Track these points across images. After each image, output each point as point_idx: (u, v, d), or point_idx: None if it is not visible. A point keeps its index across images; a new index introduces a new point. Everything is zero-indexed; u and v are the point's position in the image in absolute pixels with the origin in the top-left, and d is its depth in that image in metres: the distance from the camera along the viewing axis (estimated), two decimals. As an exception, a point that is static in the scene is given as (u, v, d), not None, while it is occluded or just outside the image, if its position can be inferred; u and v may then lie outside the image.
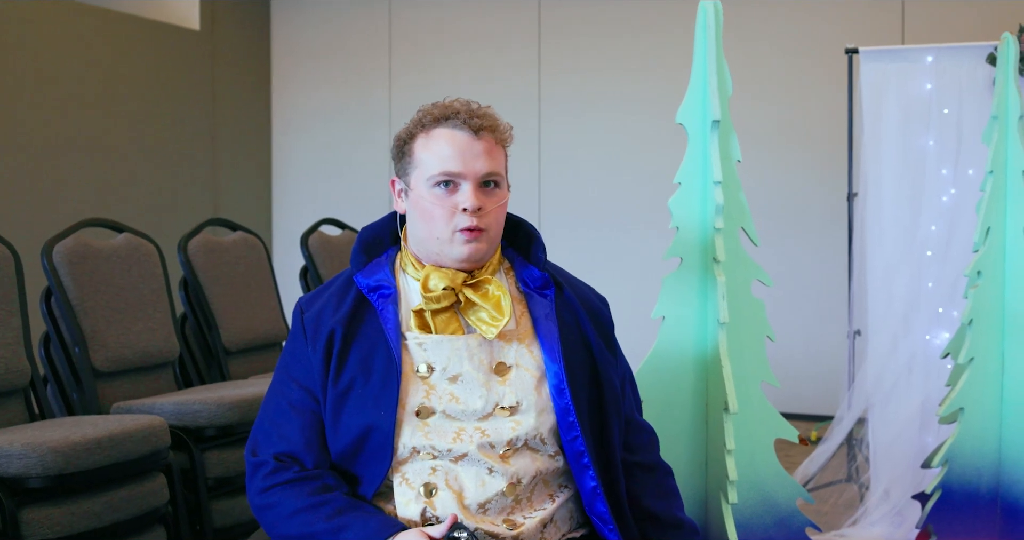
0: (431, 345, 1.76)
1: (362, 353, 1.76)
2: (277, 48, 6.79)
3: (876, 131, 4.09)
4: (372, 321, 1.78)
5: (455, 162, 1.76)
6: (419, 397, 1.74)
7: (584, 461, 1.77)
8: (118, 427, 2.43)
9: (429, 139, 1.79)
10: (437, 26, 6.48)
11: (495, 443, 1.73)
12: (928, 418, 4.04)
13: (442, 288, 1.76)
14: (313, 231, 4.00)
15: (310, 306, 1.84)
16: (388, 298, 1.79)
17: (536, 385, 1.77)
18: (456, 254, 1.77)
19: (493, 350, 1.78)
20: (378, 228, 1.89)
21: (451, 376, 1.75)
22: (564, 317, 1.83)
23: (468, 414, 1.74)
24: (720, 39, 2.72)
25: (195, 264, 3.34)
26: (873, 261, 4.10)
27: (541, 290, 1.85)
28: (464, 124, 1.77)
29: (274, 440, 1.77)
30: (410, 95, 6.47)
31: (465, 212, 1.75)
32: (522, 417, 1.75)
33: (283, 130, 6.79)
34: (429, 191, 1.77)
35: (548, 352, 1.78)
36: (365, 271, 1.83)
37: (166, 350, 3.06)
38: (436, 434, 1.72)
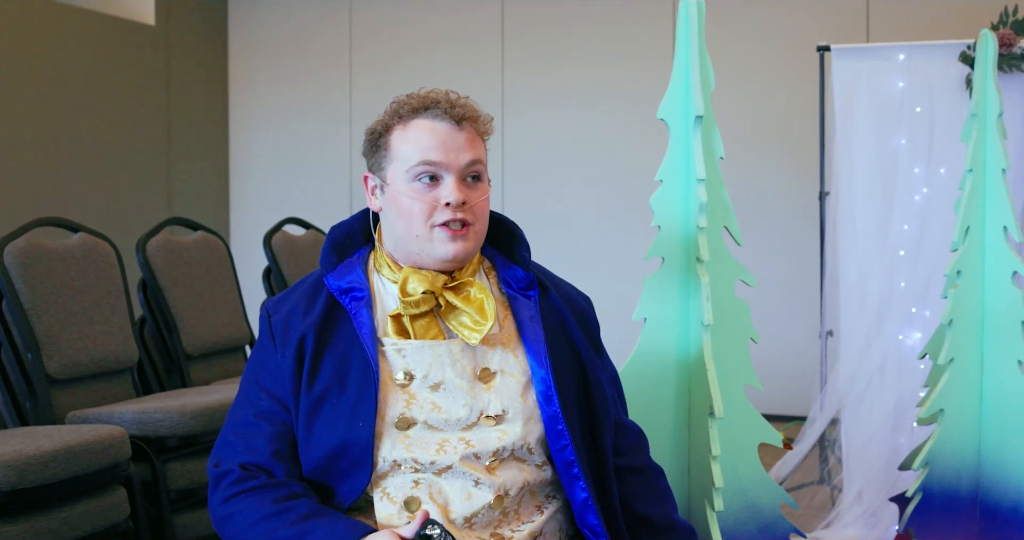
0: (411, 351, 1.65)
1: (336, 360, 1.65)
2: (234, 44, 6.64)
3: (848, 129, 4.05)
4: (345, 326, 1.67)
5: (436, 152, 1.66)
6: (399, 407, 1.63)
7: (574, 471, 1.67)
8: (75, 438, 2.29)
9: (407, 130, 1.68)
10: (399, 23, 6.36)
11: (480, 454, 1.63)
12: (901, 419, 4.01)
13: (421, 292, 1.66)
14: (276, 231, 3.87)
15: (277, 310, 1.72)
16: (361, 301, 1.68)
17: (522, 392, 1.67)
18: (439, 253, 1.66)
19: (476, 356, 1.68)
20: (349, 226, 1.78)
21: (433, 384, 1.65)
22: (549, 320, 1.74)
23: (451, 424, 1.64)
24: (703, 34, 2.65)
25: (154, 265, 3.20)
26: (845, 260, 4.06)
27: (525, 291, 1.75)
28: (445, 114, 1.67)
29: (239, 451, 1.66)
30: (371, 93, 6.36)
31: (448, 207, 1.64)
32: (508, 426, 1.65)
33: (241, 128, 6.64)
34: (408, 185, 1.67)
35: (534, 357, 1.69)
36: (336, 272, 1.72)
37: (124, 355, 2.92)
38: (418, 446, 1.62)
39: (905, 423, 4.01)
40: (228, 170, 6.61)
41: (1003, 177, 3.10)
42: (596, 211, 6.04)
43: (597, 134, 6.04)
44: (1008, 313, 3.04)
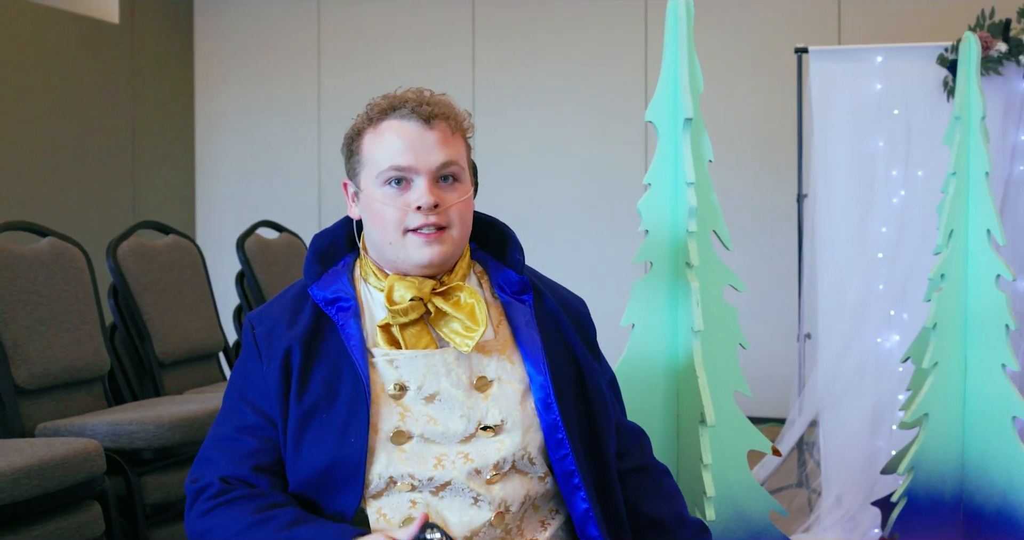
0: (403, 362, 1.59)
1: (325, 374, 1.58)
2: (200, 44, 6.51)
3: (826, 132, 4.04)
4: (333, 338, 1.60)
5: (405, 155, 1.58)
6: (393, 420, 1.56)
7: (575, 481, 1.61)
8: (47, 453, 2.19)
9: (377, 133, 1.61)
10: (368, 23, 6.28)
11: (481, 468, 1.56)
12: (879, 422, 4.00)
13: (409, 299, 1.59)
14: (250, 234, 3.78)
15: (260, 322, 1.65)
16: (348, 311, 1.62)
17: (521, 400, 1.61)
18: (415, 258, 1.59)
19: (472, 364, 1.61)
20: (332, 234, 1.71)
21: (428, 395, 1.58)
22: (545, 324, 1.67)
23: (449, 436, 1.57)
24: (691, 35, 2.61)
25: (125, 270, 3.10)
26: (823, 263, 4.05)
27: (519, 295, 1.68)
28: (413, 113, 1.60)
29: (220, 465, 1.58)
30: (340, 94, 6.27)
31: (419, 210, 1.57)
32: (507, 436, 1.58)
33: (207, 129, 6.52)
34: (379, 190, 1.60)
35: (532, 363, 1.62)
36: (321, 282, 1.66)
37: (96, 364, 2.82)
38: (415, 461, 1.55)
39: (883, 426, 4.00)
40: (194, 172, 6.49)
41: (986, 180, 3.09)
42: (568, 212, 6.00)
43: (569, 134, 6.00)
44: (992, 317, 3.03)
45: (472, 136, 1.70)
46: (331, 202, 6.24)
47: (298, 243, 4.03)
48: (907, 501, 3.12)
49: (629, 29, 5.90)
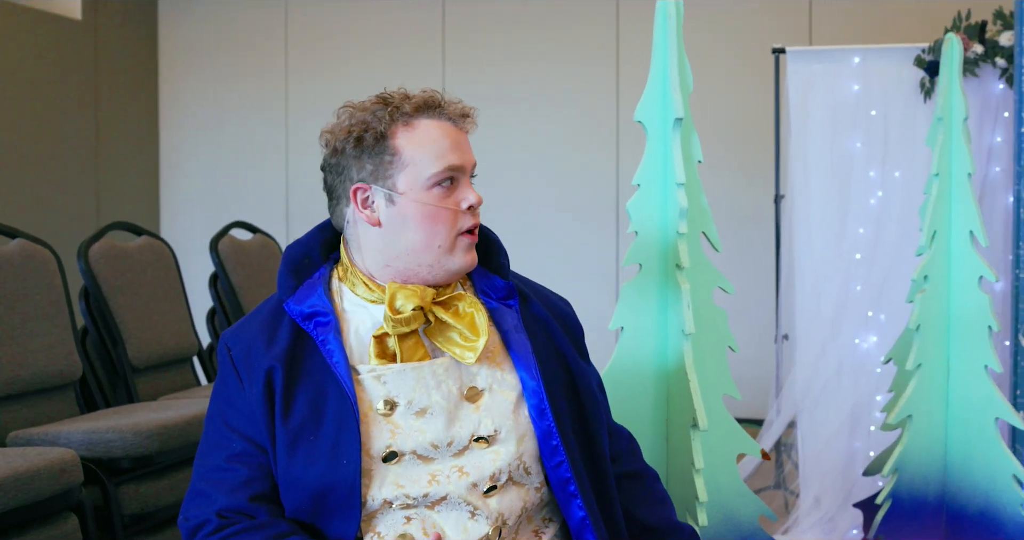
0: (392, 377, 1.52)
1: (309, 394, 1.51)
2: (164, 40, 6.39)
3: (803, 132, 4.03)
4: (314, 355, 1.53)
5: (456, 155, 1.55)
6: (384, 439, 1.50)
7: (571, 489, 1.57)
8: (23, 464, 2.10)
9: (414, 132, 1.55)
10: (336, 21, 6.20)
11: (477, 481, 1.51)
12: (857, 423, 4.00)
13: (411, 308, 1.52)
14: (223, 235, 3.69)
15: (236, 342, 1.57)
16: (327, 326, 1.54)
17: (514, 408, 1.56)
18: (460, 262, 1.56)
19: (462, 374, 1.56)
20: (306, 244, 1.63)
21: (418, 410, 1.52)
22: (534, 329, 1.63)
23: (442, 451, 1.51)
24: (681, 35, 2.58)
25: (97, 272, 3.00)
26: (801, 264, 4.04)
27: (505, 300, 1.63)
28: (444, 112, 1.57)
29: (214, 498, 1.51)
30: (308, 92, 6.18)
31: (470, 210, 1.56)
32: (501, 446, 1.53)
33: (171, 127, 6.40)
34: (429, 192, 1.54)
35: (524, 369, 1.57)
36: (296, 296, 1.58)
37: (68, 370, 2.72)
38: (408, 480, 1.50)
39: (861, 427, 4.00)
40: (158, 171, 6.36)
41: (969, 181, 3.09)
42: (541, 212, 5.96)
43: (541, 134, 5.97)
44: (975, 318, 3.03)
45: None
46: (298, 202, 6.15)
47: (272, 244, 3.95)
48: (891, 503, 3.11)
49: (600, 29, 5.88)
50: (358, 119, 1.59)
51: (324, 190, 1.66)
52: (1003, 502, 3.00)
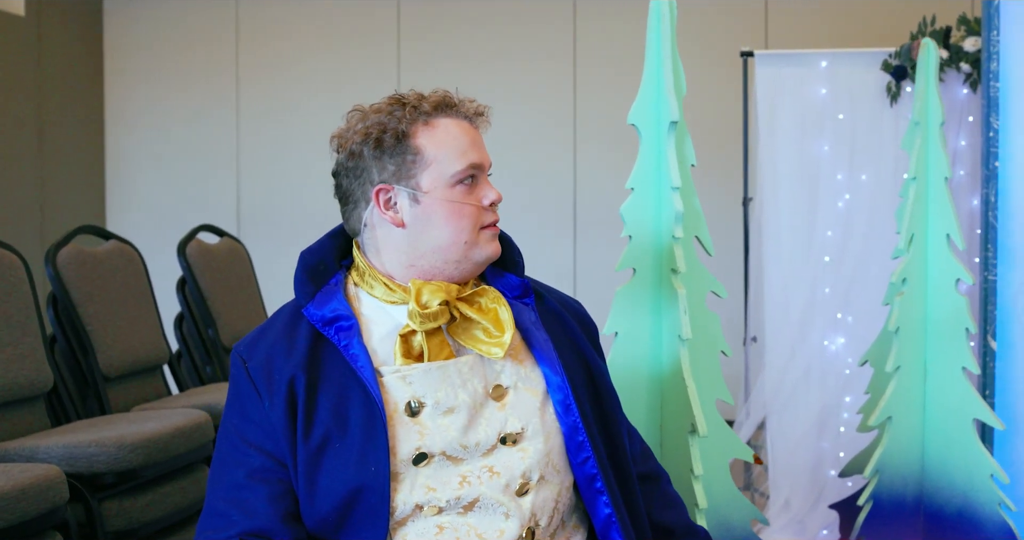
0: (417, 377, 1.49)
1: (332, 400, 1.47)
2: (110, 38, 6.21)
3: (772, 135, 4.06)
4: (334, 360, 1.50)
5: (475, 152, 1.56)
6: (412, 441, 1.46)
7: (597, 485, 1.55)
8: (8, 482, 1.98)
9: (435, 131, 1.54)
10: (288, 21, 6.08)
11: (509, 481, 1.48)
12: (826, 425, 4.04)
13: (437, 304, 1.50)
14: (191, 239, 3.58)
15: (252, 353, 1.53)
16: (350, 331, 1.51)
17: (540, 405, 1.54)
18: (487, 252, 1.57)
19: (487, 372, 1.53)
20: (320, 251, 1.61)
21: (445, 409, 1.49)
22: (551, 326, 1.62)
23: (471, 450, 1.48)
24: (674, 38, 2.56)
25: (66, 278, 2.88)
26: (769, 266, 4.07)
27: (521, 299, 1.62)
28: (459, 111, 1.57)
29: (235, 519, 1.44)
30: (260, 93, 6.06)
31: (491, 206, 1.57)
32: (528, 444, 1.51)
33: (118, 127, 6.22)
34: (453, 190, 1.54)
35: (547, 365, 1.56)
36: (316, 302, 1.54)
37: (38, 381, 2.60)
38: (439, 482, 1.46)
39: (829, 428, 4.04)
40: (104, 172, 6.18)
41: (946, 185, 3.12)
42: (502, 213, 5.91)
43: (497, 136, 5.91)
44: (952, 320, 3.06)
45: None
46: (249, 204, 6.01)
47: (240, 248, 3.85)
48: (872, 504, 3.13)
49: (557, 29, 5.86)
50: (373, 121, 1.56)
51: (336, 196, 1.65)
52: (981, 502, 3.03)
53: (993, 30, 3.43)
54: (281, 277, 5.23)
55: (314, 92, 6.02)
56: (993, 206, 3.42)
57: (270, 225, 6.00)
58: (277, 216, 6.01)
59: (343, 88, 6.00)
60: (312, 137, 5.99)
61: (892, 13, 5.28)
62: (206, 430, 2.66)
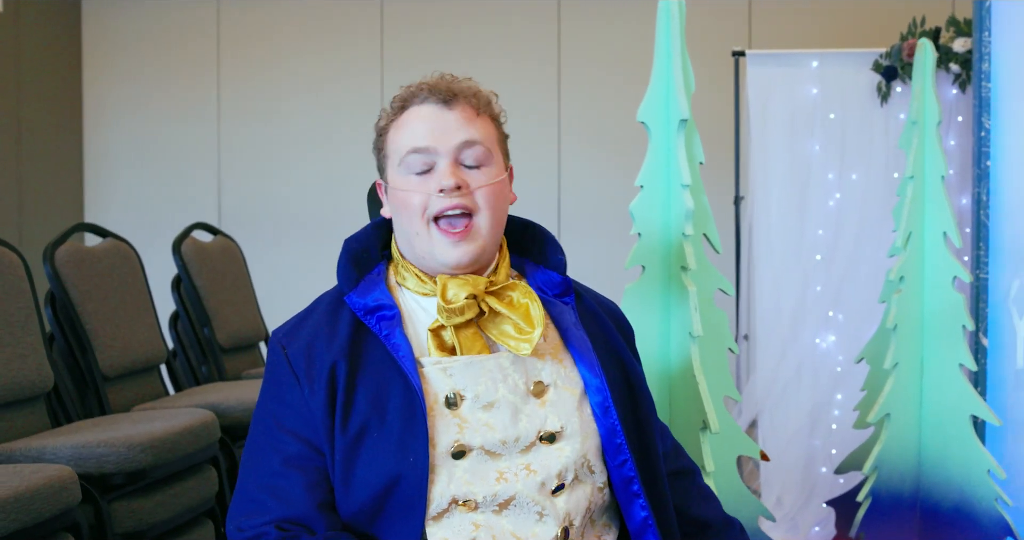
0: (458, 369, 1.48)
1: (371, 389, 1.45)
2: (89, 36, 6.13)
3: (763, 134, 4.08)
4: (375, 349, 1.49)
5: (424, 137, 1.50)
6: (451, 433, 1.45)
7: (634, 488, 1.54)
8: (22, 483, 1.94)
9: (400, 124, 1.53)
10: (271, 18, 6.03)
11: (545, 480, 1.47)
12: (817, 423, 4.06)
13: (463, 297, 1.48)
14: (185, 237, 3.54)
15: (292, 340, 1.51)
16: (392, 320, 1.50)
17: (578, 404, 1.53)
18: (442, 258, 1.50)
19: (527, 368, 1.51)
20: (364, 239, 1.60)
21: (485, 404, 1.47)
22: (589, 326, 1.60)
23: (509, 446, 1.47)
24: (683, 36, 2.56)
25: (64, 277, 2.84)
26: (761, 265, 4.09)
27: (561, 297, 1.60)
28: (430, 95, 1.52)
29: (270, 506, 1.43)
30: (242, 90, 6.00)
31: (442, 193, 1.48)
32: (566, 444, 1.50)
33: (96, 124, 6.14)
34: (403, 178, 1.51)
35: (586, 366, 1.54)
36: (359, 290, 1.54)
37: (39, 381, 2.55)
38: (477, 477, 1.45)
39: (821, 426, 4.06)
40: (82, 169, 6.10)
41: (942, 184, 3.15)
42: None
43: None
44: (949, 318, 3.09)
45: (505, 122, 1.61)
46: (231, 203, 5.96)
47: (233, 246, 3.81)
48: (872, 501, 3.16)
49: (542, 28, 5.85)
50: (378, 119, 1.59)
51: None
52: (978, 497, 3.07)
53: (985, 31, 3.46)
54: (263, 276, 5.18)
55: (296, 91, 5.97)
56: (985, 205, 3.46)
57: (252, 225, 5.95)
58: (259, 216, 5.96)
59: (325, 87, 5.96)
60: (294, 136, 5.95)
61: (876, 14, 5.33)
62: (213, 430, 2.63)
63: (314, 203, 5.94)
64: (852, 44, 4.74)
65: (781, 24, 5.61)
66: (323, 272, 5.94)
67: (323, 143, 5.95)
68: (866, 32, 5.17)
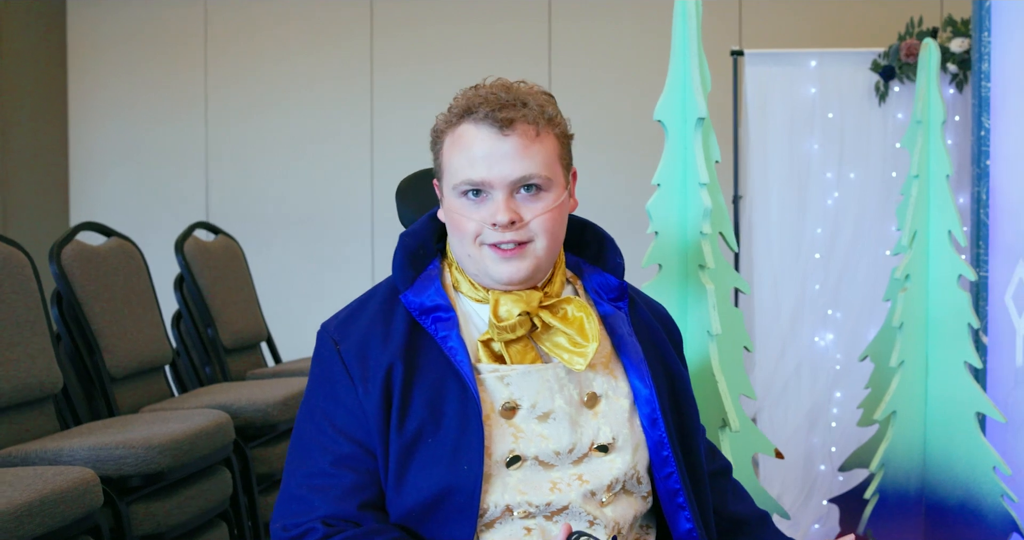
0: (515, 378, 1.46)
1: (428, 393, 1.44)
2: (74, 31, 6.05)
3: (762, 134, 4.09)
4: (431, 352, 1.47)
5: (479, 168, 1.45)
6: (507, 443, 1.44)
7: (679, 500, 1.53)
8: (46, 486, 1.90)
9: (455, 138, 1.49)
10: (258, 16, 5.97)
11: (596, 490, 1.46)
12: (816, 421, 4.08)
13: (517, 315, 1.46)
14: (187, 236, 3.50)
15: (345, 335, 1.49)
16: (448, 322, 1.48)
17: (628, 416, 1.52)
18: (494, 275, 1.48)
19: (581, 379, 1.50)
20: (421, 234, 1.57)
21: (541, 414, 1.46)
22: (642, 334, 1.59)
23: (563, 457, 1.46)
24: (700, 35, 2.56)
25: (71, 276, 2.79)
26: (760, 264, 4.10)
27: (616, 302, 1.58)
28: (487, 119, 1.46)
29: (317, 505, 1.42)
30: (229, 90, 5.95)
31: (495, 227, 1.45)
32: (617, 456, 1.49)
33: (82, 123, 6.07)
34: (457, 200, 1.48)
35: (638, 376, 1.53)
36: (414, 288, 1.51)
37: (48, 381, 2.51)
38: (530, 486, 1.44)
39: (820, 424, 4.08)
40: (68, 168, 6.02)
41: (947, 183, 3.17)
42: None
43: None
44: (954, 316, 3.11)
45: (567, 123, 1.56)
46: (219, 205, 5.90)
47: (235, 246, 3.77)
48: (879, 499, 3.17)
49: (533, 25, 5.84)
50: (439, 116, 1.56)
51: None
52: (983, 493, 3.09)
53: (984, 31, 3.48)
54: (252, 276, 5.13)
55: (285, 90, 5.93)
56: (984, 203, 3.48)
57: (240, 225, 5.89)
58: (247, 216, 5.90)
59: (315, 86, 5.92)
60: (283, 135, 5.91)
61: (868, 13, 5.36)
62: (228, 431, 2.60)
63: (303, 203, 5.90)
64: (846, 44, 4.77)
65: (772, 24, 5.63)
66: (312, 272, 5.92)
67: (312, 142, 5.91)
68: (859, 32, 5.21)
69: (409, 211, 1.75)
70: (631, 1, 5.70)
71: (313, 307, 5.58)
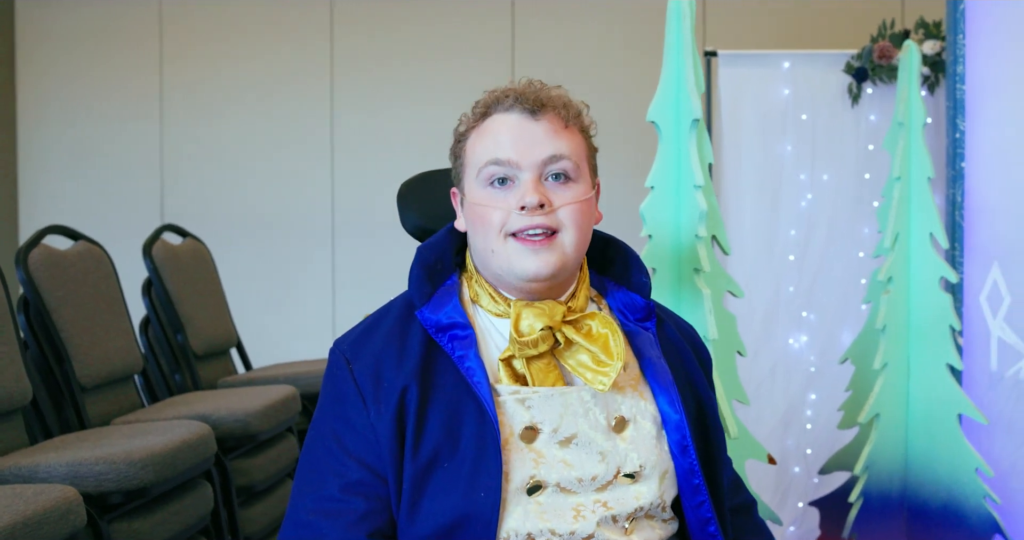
0: (537, 401, 1.39)
1: (444, 416, 1.37)
2: (23, 31, 5.86)
3: (735, 135, 4.08)
4: (448, 372, 1.39)
5: (506, 149, 1.40)
6: (527, 468, 1.37)
7: (711, 530, 1.47)
8: (27, 507, 1.78)
9: (481, 132, 1.44)
10: (215, 13, 5.83)
11: (618, 516, 1.40)
12: (791, 423, 4.07)
13: (539, 330, 1.39)
14: (155, 240, 3.38)
15: (358, 354, 1.41)
16: (466, 340, 1.41)
17: (656, 442, 1.45)
18: (518, 269, 1.40)
19: (608, 402, 1.43)
20: (439, 247, 1.50)
21: (563, 438, 1.39)
22: (670, 358, 1.52)
23: (586, 484, 1.39)
24: (694, 35, 2.52)
25: (38, 282, 2.67)
26: (735, 265, 4.08)
27: (643, 322, 1.52)
28: (516, 104, 1.42)
29: (327, 534, 1.34)
30: (184, 89, 5.79)
31: (523, 211, 1.39)
32: (644, 485, 1.42)
33: (32, 125, 5.87)
34: (481, 191, 1.42)
35: (667, 400, 1.46)
36: (431, 305, 1.44)
37: (18, 393, 2.38)
38: (553, 514, 1.37)
39: (795, 426, 4.07)
40: (16, 171, 5.83)
41: (928, 185, 3.17)
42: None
43: (435, 134, 5.80)
44: (936, 318, 3.11)
45: (595, 135, 1.52)
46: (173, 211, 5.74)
47: (203, 249, 3.66)
48: (863, 501, 3.16)
49: (495, 26, 5.78)
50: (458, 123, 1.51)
51: None
52: (966, 495, 3.09)
53: (959, 33, 3.49)
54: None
55: (243, 93, 5.79)
56: (960, 206, 3.49)
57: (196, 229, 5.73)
58: (204, 219, 5.75)
59: (273, 89, 5.80)
60: (240, 140, 5.78)
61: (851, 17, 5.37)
62: (210, 443, 2.50)
63: (261, 205, 5.77)
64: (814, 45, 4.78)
65: (737, 24, 5.63)
66: (269, 275, 5.79)
67: (271, 144, 5.78)
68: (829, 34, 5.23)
69: (411, 215, 1.68)
70: (595, 1, 5.67)
71: (272, 311, 5.46)
